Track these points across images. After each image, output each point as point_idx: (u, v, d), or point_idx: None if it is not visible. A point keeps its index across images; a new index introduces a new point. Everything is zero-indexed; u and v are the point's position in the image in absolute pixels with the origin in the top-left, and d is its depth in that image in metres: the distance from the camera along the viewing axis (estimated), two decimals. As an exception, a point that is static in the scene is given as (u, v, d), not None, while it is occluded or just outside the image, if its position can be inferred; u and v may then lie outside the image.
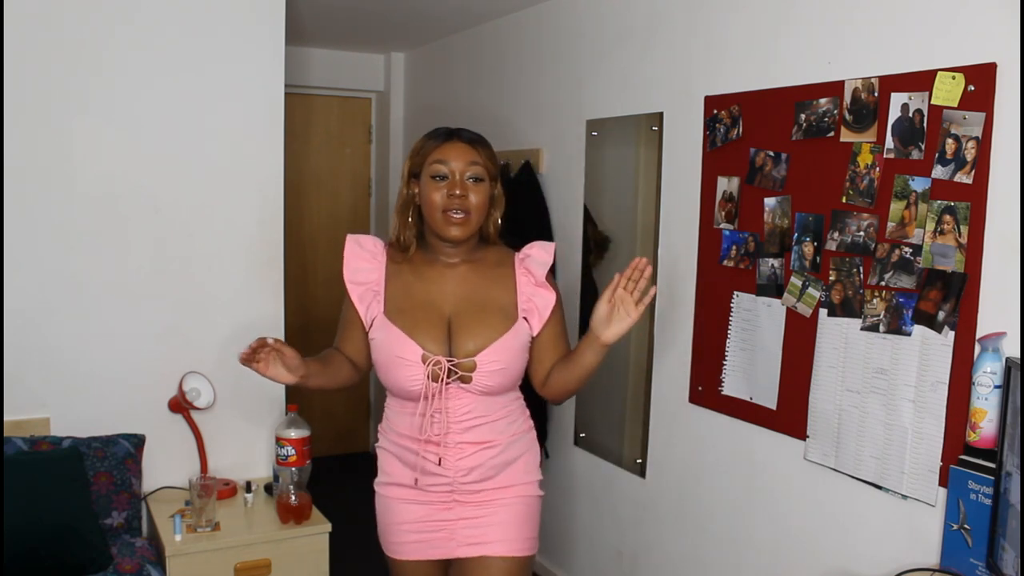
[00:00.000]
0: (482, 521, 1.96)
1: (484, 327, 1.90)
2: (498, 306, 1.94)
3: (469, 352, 1.88)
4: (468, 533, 1.96)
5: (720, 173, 2.59)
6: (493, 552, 1.96)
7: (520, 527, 1.99)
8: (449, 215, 1.87)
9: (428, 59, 4.57)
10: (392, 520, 2.00)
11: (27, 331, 2.71)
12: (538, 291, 1.98)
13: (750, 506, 2.55)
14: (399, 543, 1.99)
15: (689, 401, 2.76)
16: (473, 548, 1.96)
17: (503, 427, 1.96)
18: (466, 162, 1.89)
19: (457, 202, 1.87)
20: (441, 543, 1.97)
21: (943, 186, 1.95)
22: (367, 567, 3.43)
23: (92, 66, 2.74)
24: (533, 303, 1.97)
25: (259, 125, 3.00)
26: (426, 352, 1.87)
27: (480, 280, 1.96)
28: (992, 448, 1.84)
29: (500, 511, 1.97)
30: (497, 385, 1.91)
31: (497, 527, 1.96)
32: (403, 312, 1.91)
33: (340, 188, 4.98)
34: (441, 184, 1.88)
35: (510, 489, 1.98)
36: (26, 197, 2.69)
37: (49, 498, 2.42)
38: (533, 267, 1.99)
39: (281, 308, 3.09)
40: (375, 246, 1.99)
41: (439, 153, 1.89)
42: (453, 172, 1.88)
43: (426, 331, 1.89)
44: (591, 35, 3.18)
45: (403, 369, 1.88)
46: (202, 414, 2.95)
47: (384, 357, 1.91)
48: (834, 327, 2.23)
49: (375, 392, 5.15)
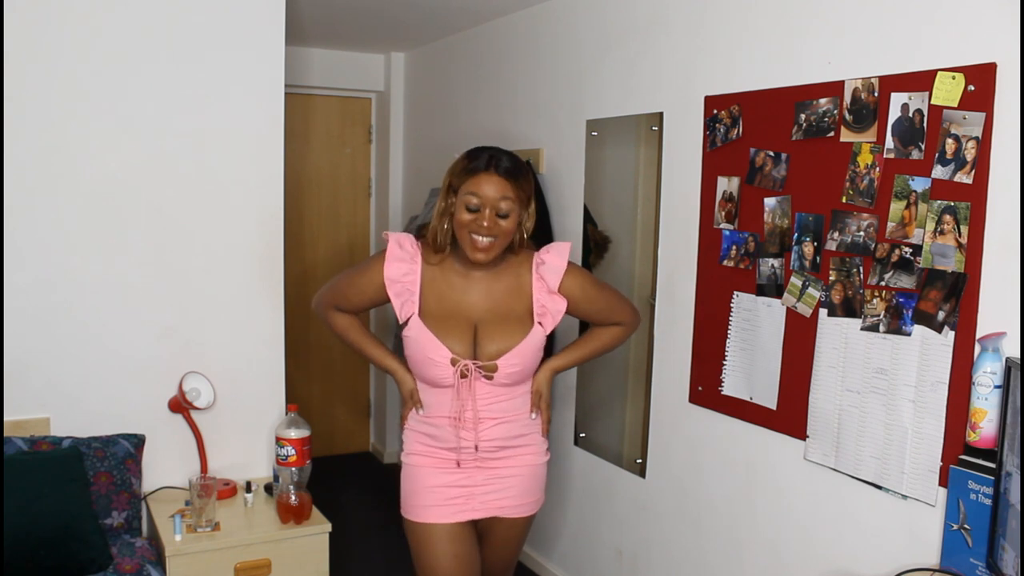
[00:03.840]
0: (498, 486, 2.22)
1: (505, 334, 2.14)
2: (517, 315, 2.17)
3: (491, 355, 2.14)
4: (485, 497, 2.22)
5: (720, 173, 2.59)
6: (506, 514, 2.26)
7: (530, 491, 2.28)
8: (475, 239, 2.06)
9: (428, 59, 4.57)
10: (421, 484, 2.21)
11: (27, 331, 2.71)
12: (551, 298, 2.18)
13: (750, 506, 2.55)
14: (425, 506, 2.20)
15: (689, 401, 2.76)
16: (489, 510, 2.23)
17: (519, 404, 2.22)
18: (498, 196, 2.04)
19: (484, 231, 2.04)
20: (461, 505, 2.20)
21: (943, 186, 1.95)
22: (367, 567, 3.43)
23: (92, 67, 2.74)
24: (546, 309, 2.18)
25: (259, 125, 3.00)
26: (455, 356, 2.12)
27: (502, 292, 2.18)
28: (992, 448, 1.84)
29: (514, 478, 2.24)
30: (515, 380, 2.18)
31: (510, 490, 2.24)
32: (436, 318, 2.14)
33: (340, 188, 4.98)
34: (472, 214, 2.05)
35: (523, 458, 2.24)
36: (26, 197, 2.69)
37: (49, 498, 2.43)
38: (547, 275, 2.18)
39: (281, 308, 3.10)
40: (413, 247, 2.17)
41: (473, 185, 2.05)
42: (484, 205, 2.04)
43: (456, 336, 2.13)
44: (591, 35, 3.18)
45: (434, 369, 2.13)
46: (202, 414, 2.95)
47: (418, 356, 2.15)
48: (834, 327, 2.23)
49: (375, 392, 5.15)
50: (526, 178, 2.10)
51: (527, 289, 2.18)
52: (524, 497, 2.27)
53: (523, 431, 2.24)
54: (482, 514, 2.23)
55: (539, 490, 2.31)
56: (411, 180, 4.79)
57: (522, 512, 2.28)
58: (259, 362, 3.07)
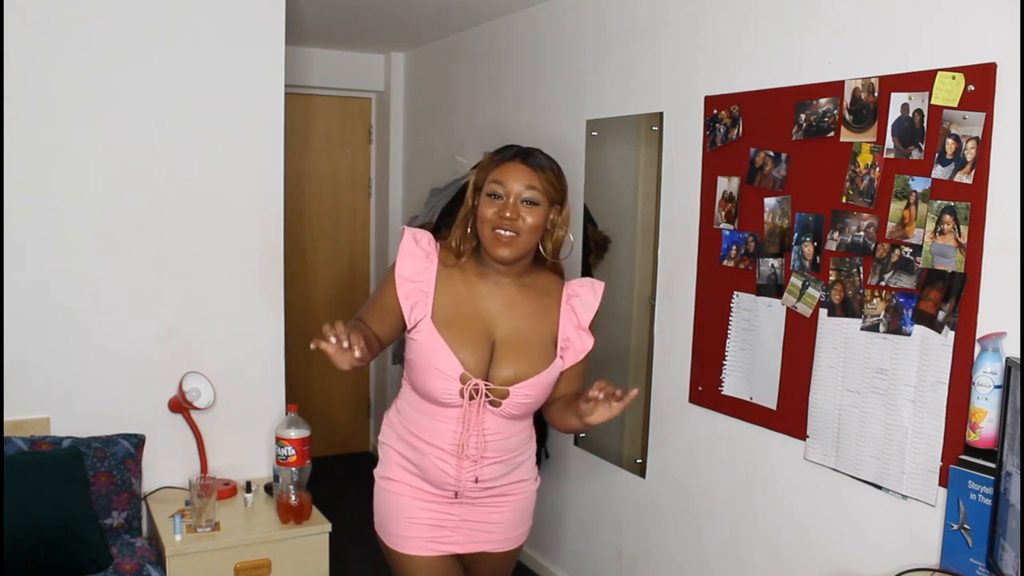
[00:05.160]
0: (486, 521, 2.05)
1: (525, 360, 1.95)
2: (540, 340, 1.98)
3: (506, 379, 1.93)
4: (470, 532, 2.05)
5: (720, 173, 2.59)
6: (493, 549, 2.09)
7: (518, 525, 2.12)
8: (498, 233, 1.90)
9: (428, 59, 4.57)
10: (399, 515, 2.03)
11: (27, 331, 2.71)
12: (579, 334, 2.01)
13: (750, 506, 2.55)
14: (404, 536, 2.03)
15: (689, 401, 2.76)
16: (473, 545, 2.06)
17: (516, 443, 2.03)
18: (523, 185, 1.90)
19: (507, 223, 1.89)
20: (444, 538, 2.03)
21: (943, 186, 1.95)
22: (367, 567, 3.43)
23: (92, 66, 2.74)
24: (571, 343, 2.01)
25: (259, 125, 3.00)
26: (465, 372, 1.91)
27: (527, 308, 1.99)
28: (992, 448, 1.84)
29: (501, 512, 2.07)
30: (521, 414, 1.99)
31: (497, 526, 2.07)
32: (450, 325, 1.93)
33: (340, 188, 4.98)
34: (495, 203, 1.91)
35: (513, 494, 2.08)
36: (26, 197, 2.69)
37: (49, 498, 2.43)
38: (579, 309, 2.02)
39: (281, 308, 3.10)
40: (430, 244, 2.00)
41: (498, 173, 1.92)
42: (508, 193, 1.90)
43: (471, 349, 1.92)
44: (591, 35, 3.18)
45: (439, 381, 1.91)
46: (202, 414, 2.95)
47: (423, 364, 1.93)
48: (834, 327, 2.23)
49: (375, 392, 5.15)
50: (558, 176, 1.96)
51: (554, 315, 2.00)
52: (512, 531, 2.10)
53: (517, 471, 2.06)
54: (467, 549, 2.05)
55: (529, 519, 2.15)
56: (411, 180, 4.79)
57: (510, 546, 2.12)
58: (259, 362, 3.07)
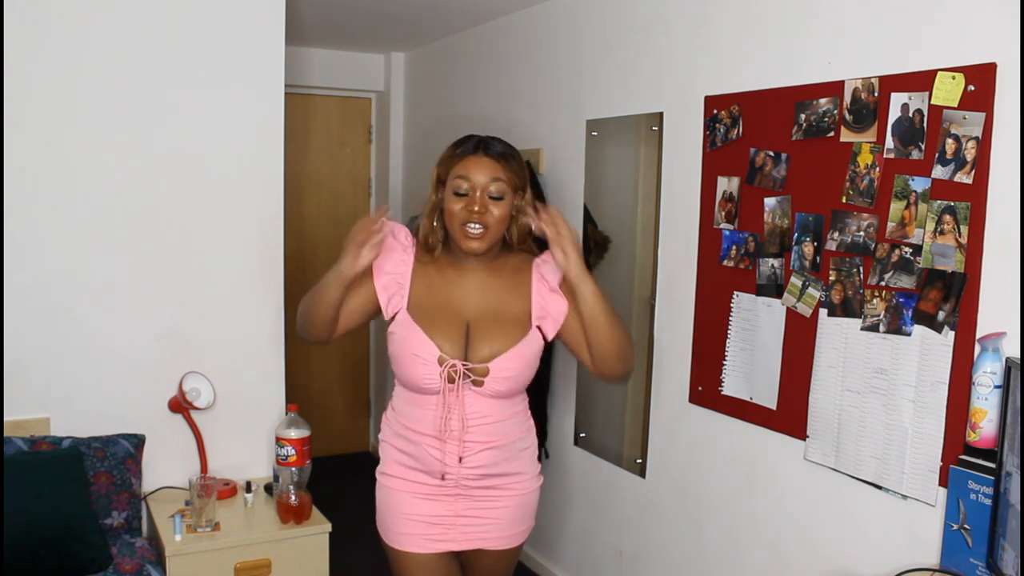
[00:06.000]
0: (482, 516, 2.04)
1: (500, 335, 1.96)
2: (513, 315, 1.99)
3: (484, 357, 1.94)
4: (468, 529, 2.03)
5: (720, 173, 2.59)
6: (491, 546, 2.07)
7: (518, 522, 2.09)
8: (467, 229, 1.91)
9: (428, 59, 4.57)
10: (397, 511, 2.04)
11: (27, 331, 2.71)
12: (552, 297, 2.01)
13: (750, 506, 2.55)
14: (401, 533, 2.03)
15: (689, 401, 2.76)
16: (471, 542, 2.05)
17: (508, 428, 2.02)
18: (488, 179, 1.91)
19: (476, 217, 1.90)
20: (441, 535, 2.02)
21: (943, 186, 1.95)
22: (367, 567, 3.42)
23: (92, 66, 2.74)
24: (547, 310, 2.01)
25: (259, 125, 3.00)
26: (443, 354, 1.93)
27: (499, 287, 2.01)
28: (992, 448, 1.84)
29: (500, 508, 2.05)
30: (506, 390, 1.98)
31: (496, 523, 2.05)
32: (425, 312, 1.96)
33: (340, 188, 4.98)
34: (461, 199, 1.91)
35: (510, 487, 2.06)
36: (26, 197, 2.69)
37: (49, 498, 2.42)
38: (548, 274, 2.02)
39: (281, 308, 3.10)
40: (407, 239, 2.03)
41: (462, 168, 1.92)
42: (474, 188, 1.91)
43: (445, 333, 1.95)
44: (591, 35, 3.18)
45: (419, 367, 1.94)
46: (202, 414, 2.95)
47: (402, 352, 1.96)
48: (834, 327, 2.23)
49: (375, 392, 5.15)
50: (518, 162, 1.98)
51: (526, 289, 2.02)
52: (511, 528, 2.07)
53: (513, 461, 2.04)
54: (463, 546, 2.04)
55: (529, 518, 2.12)
56: (411, 180, 4.79)
57: (509, 544, 2.09)
58: (259, 362, 3.07)
